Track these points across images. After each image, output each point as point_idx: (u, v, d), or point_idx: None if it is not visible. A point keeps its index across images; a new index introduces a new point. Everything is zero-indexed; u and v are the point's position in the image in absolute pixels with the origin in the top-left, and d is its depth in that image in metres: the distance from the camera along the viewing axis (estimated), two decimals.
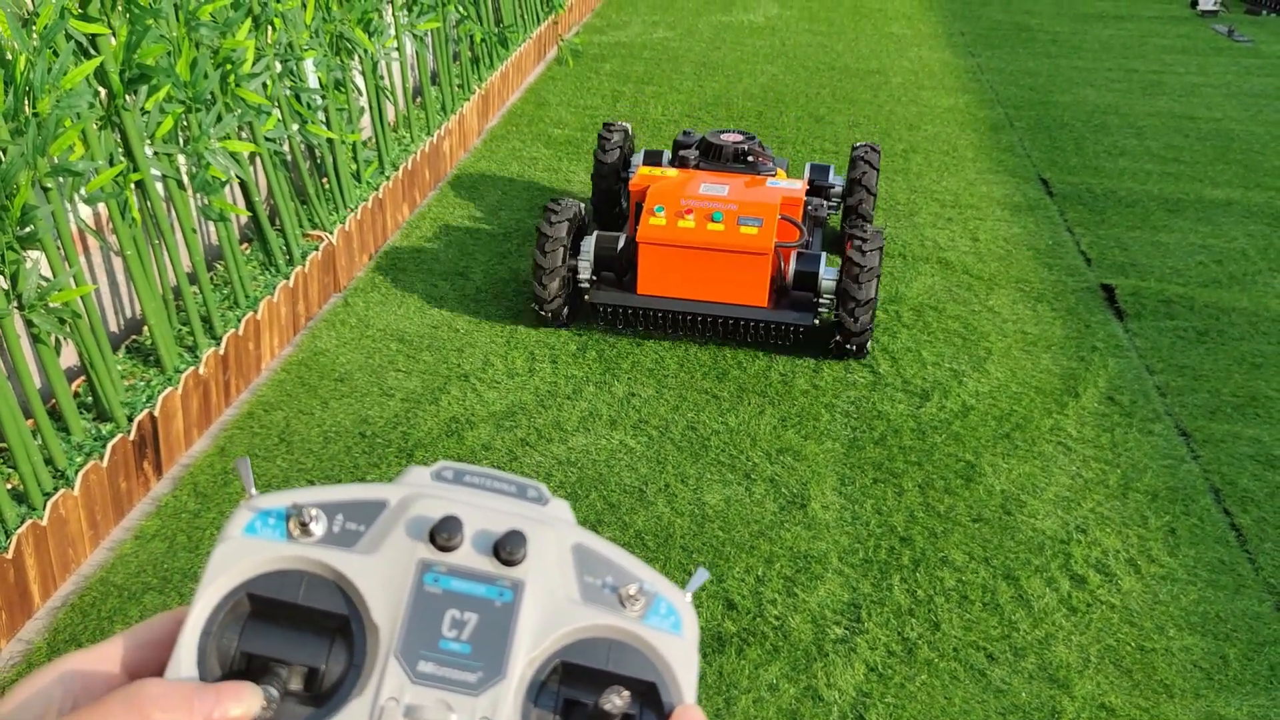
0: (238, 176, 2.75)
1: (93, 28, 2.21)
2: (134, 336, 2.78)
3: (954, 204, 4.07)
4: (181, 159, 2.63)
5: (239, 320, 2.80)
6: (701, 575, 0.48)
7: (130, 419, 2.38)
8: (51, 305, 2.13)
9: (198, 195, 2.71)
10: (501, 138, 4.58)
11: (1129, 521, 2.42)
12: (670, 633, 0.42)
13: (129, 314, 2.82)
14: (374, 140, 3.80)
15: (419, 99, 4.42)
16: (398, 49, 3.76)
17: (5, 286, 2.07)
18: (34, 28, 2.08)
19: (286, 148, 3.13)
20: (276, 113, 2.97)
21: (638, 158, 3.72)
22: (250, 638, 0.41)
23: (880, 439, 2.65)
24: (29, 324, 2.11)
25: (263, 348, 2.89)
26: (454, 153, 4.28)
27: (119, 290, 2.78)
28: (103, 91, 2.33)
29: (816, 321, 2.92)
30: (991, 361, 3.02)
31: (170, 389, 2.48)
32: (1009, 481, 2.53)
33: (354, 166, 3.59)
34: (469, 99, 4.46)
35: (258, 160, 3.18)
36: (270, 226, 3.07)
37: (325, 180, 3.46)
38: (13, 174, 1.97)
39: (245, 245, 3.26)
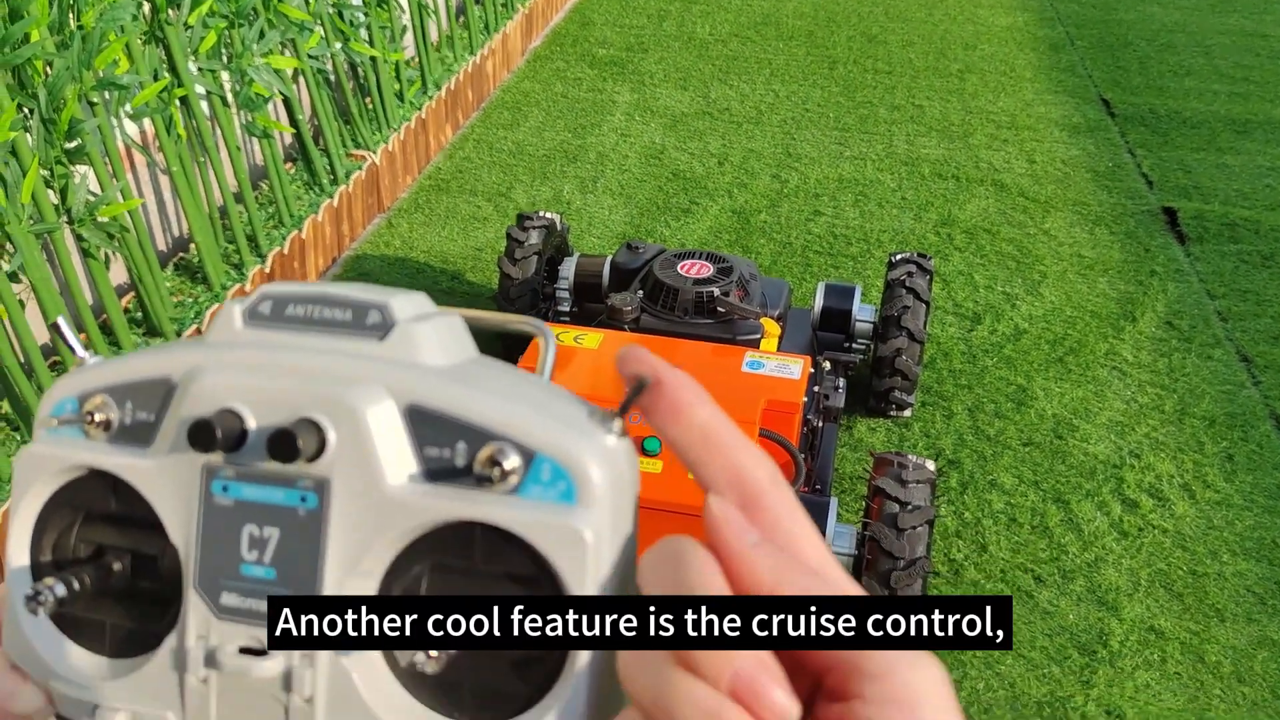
0: (281, 93, 2.73)
1: None
2: (181, 254, 2.80)
3: (1010, 125, 3.95)
4: (225, 75, 2.61)
5: (284, 239, 2.80)
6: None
7: (179, 335, 2.40)
8: (100, 219, 2.14)
9: (242, 112, 2.70)
10: (545, 58, 4.51)
11: (1184, 447, 2.37)
12: (557, 504, 0.30)
13: (176, 232, 2.84)
14: (417, 60, 3.75)
15: (462, 18, 4.35)
16: None
17: (55, 201, 2.08)
18: None
19: (330, 66, 3.10)
20: (319, 30, 2.93)
21: (569, 267, 2.39)
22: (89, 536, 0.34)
23: (929, 362, 2.61)
24: (79, 238, 2.13)
25: (308, 266, 2.90)
26: (497, 73, 4.22)
27: (165, 208, 2.79)
28: (146, 5, 2.31)
29: None
30: (1046, 285, 2.95)
31: (217, 305, 2.49)
32: (1061, 406, 2.48)
33: (397, 86, 3.55)
34: (512, 18, 4.38)
35: (301, 79, 3.15)
36: (314, 146, 3.06)
37: (369, 100, 3.43)
38: (60, 87, 1.97)
39: (289, 165, 3.25)
